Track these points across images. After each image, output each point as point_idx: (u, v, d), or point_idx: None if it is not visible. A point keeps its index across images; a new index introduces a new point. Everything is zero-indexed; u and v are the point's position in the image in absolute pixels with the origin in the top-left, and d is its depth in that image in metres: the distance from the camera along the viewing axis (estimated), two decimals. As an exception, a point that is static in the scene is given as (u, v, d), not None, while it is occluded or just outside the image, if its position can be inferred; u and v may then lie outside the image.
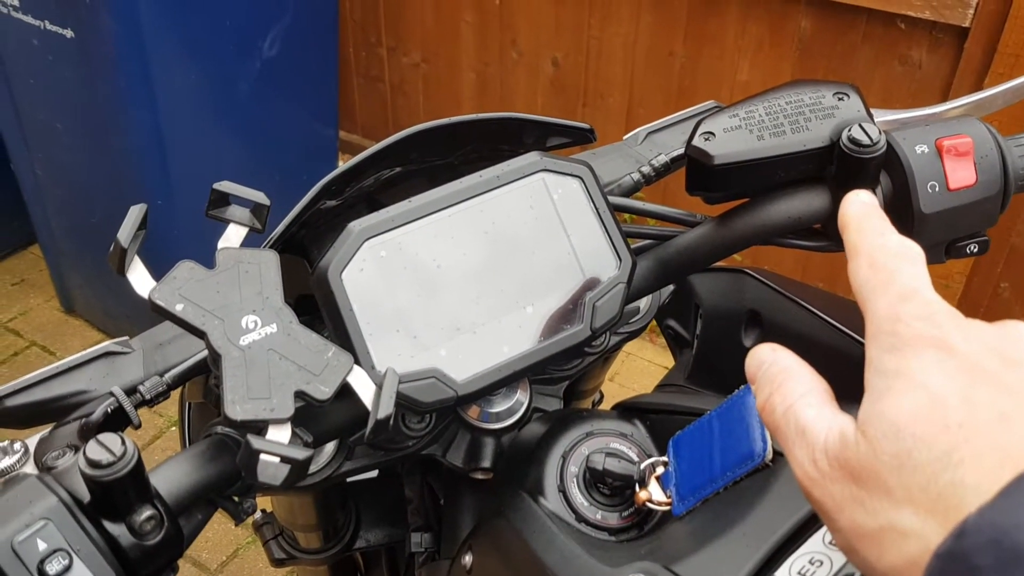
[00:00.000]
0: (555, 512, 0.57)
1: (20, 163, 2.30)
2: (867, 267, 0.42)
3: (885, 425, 0.35)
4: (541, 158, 0.59)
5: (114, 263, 0.50)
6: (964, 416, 0.34)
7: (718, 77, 2.20)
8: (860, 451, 0.36)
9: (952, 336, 0.37)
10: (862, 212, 0.46)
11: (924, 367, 0.36)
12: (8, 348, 2.51)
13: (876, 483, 0.35)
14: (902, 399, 0.36)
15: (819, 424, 0.39)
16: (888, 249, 0.42)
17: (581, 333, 0.57)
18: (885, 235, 0.44)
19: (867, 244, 0.43)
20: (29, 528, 0.42)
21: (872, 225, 0.45)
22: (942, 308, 0.39)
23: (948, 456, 0.33)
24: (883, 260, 0.42)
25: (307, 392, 0.48)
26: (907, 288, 0.40)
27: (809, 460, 0.38)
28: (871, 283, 0.41)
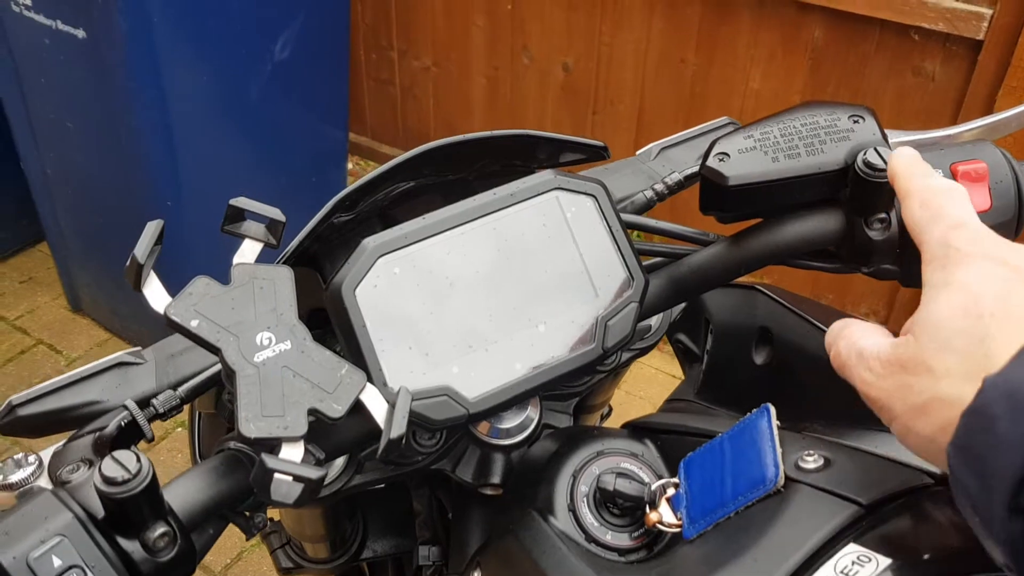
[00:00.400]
0: (564, 531, 0.57)
1: (30, 161, 2.31)
2: (918, 206, 0.48)
3: (929, 324, 0.43)
4: (555, 176, 0.59)
5: (130, 278, 0.50)
6: (997, 307, 0.41)
7: (729, 85, 2.19)
8: (908, 348, 0.44)
9: (996, 252, 0.44)
10: (908, 161, 0.52)
11: (967, 276, 0.43)
12: (15, 346, 2.52)
13: (921, 367, 0.42)
14: (945, 302, 0.43)
15: (873, 344, 0.46)
16: (935, 188, 0.49)
17: (593, 352, 0.57)
18: (931, 177, 0.50)
19: (916, 186, 0.50)
20: (44, 544, 0.42)
21: (919, 170, 0.51)
22: (988, 234, 0.45)
23: (981, 337, 0.41)
24: (931, 198, 0.48)
25: (320, 410, 0.48)
26: (956, 219, 0.46)
27: (866, 369, 0.46)
28: (924, 219, 0.48)
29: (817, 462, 0.52)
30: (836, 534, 0.47)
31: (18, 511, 0.44)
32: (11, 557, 0.42)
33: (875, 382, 0.45)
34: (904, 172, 0.52)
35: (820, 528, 0.47)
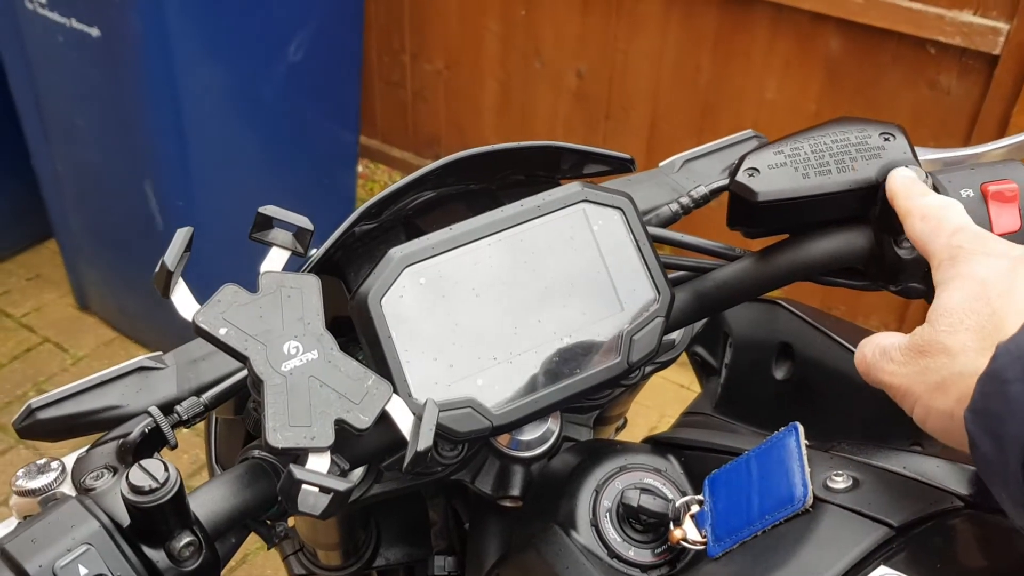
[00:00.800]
0: (587, 546, 0.56)
1: (40, 158, 2.31)
2: (920, 221, 0.53)
3: (942, 311, 0.47)
4: (582, 188, 0.58)
5: (159, 285, 0.50)
6: (1005, 288, 0.45)
7: (744, 94, 2.19)
8: (924, 334, 0.47)
9: (997, 248, 0.48)
10: (906, 182, 0.56)
11: (973, 268, 0.47)
12: (22, 344, 2.52)
13: (938, 348, 0.46)
14: (956, 290, 0.47)
15: (894, 340, 0.50)
16: (933, 204, 0.53)
17: (618, 366, 0.56)
18: (928, 194, 0.55)
19: (915, 204, 0.54)
20: (71, 553, 0.42)
21: (917, 190, 0.56)
22: (988, 234, 0.50)
23: (990, 314, 0.45)
24: (931, 212, 0.53)
25: (347, 421, 0.48)
26: (956, 226, 0.51)
27: (888, 361, 0.50)
28: (927, 231, 0.52)
29: (846, 482, 0.51)
30: (866, 556, 0.46)
31: (44, 518, 0.44)
32: (37, 565, 0.41)
33: (897, 370, 0.49)
34: (903, 192, 0.56)
35: (850, 549, 0.47)
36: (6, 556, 0.42)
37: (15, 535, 0.43)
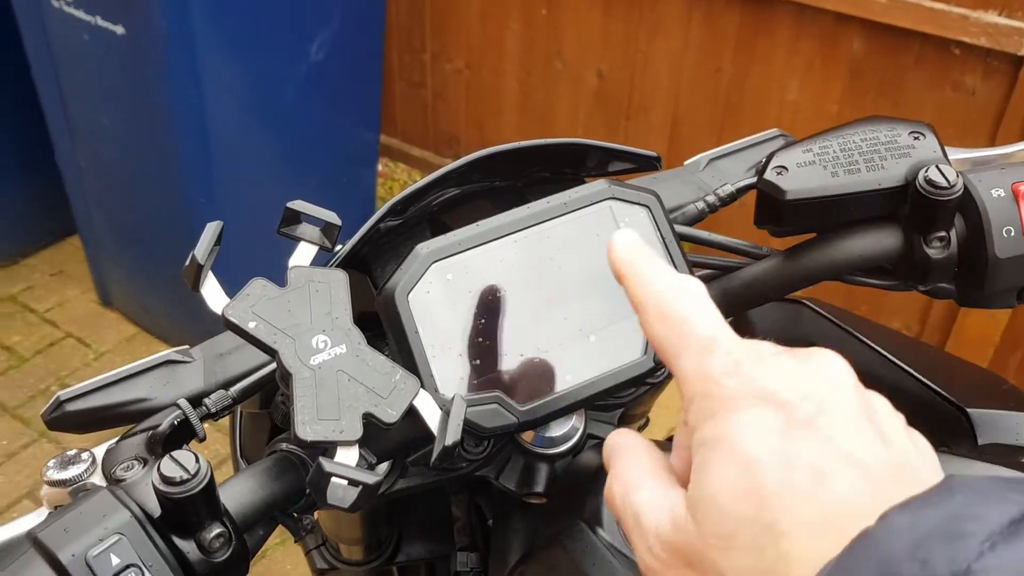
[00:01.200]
0: (613, 544, 0.56)
1: (64, 155, 2.33)
2: (658, 322, 0.40)
3: (708, 504, 0.34)
4: (609, 186, 0.58)
5: (189, 279, 0.50)
6: (780, 481, 0.33)
7: (766, 95, 2.18)
8: (690, 535, 0.35)
9: (764, 386, 0.35)
10: (631, 256, 0.44)
11: (739, 430, 0.34)
12: (45, 338, 2.54)
13: (710, 568, 0.34)
14: (721, 472, 0.34)
15: (651, 508, 0.38)
16: (672, 295, 0.40)
17: (643, 365, 0.56)
18: (663, 277, 0.42)
19: (649, 294, 0.41)
20: (103, 543, 0.42)
21: (647, 269, 0.43)
22: (746, 353, 0.37)
23: (770, 529, 0.32)
24: (672, 310, 0.40)
25: (375, 414, 0.48)
26: (705, 338, 0.38)
27: (646, 549, 0.37)
28: (668, 340, 0.39)
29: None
30: None
31: (76, 508, 0.44)
32: (70, 555, 0.42)
33: (658, 569, 0.36)
34: (630, 273, 0.43)
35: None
36: (39, 545, 0.42)
37: (47, 524, 0.43)
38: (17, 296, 2.67)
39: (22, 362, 2.47)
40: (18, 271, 2.76)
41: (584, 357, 0.56)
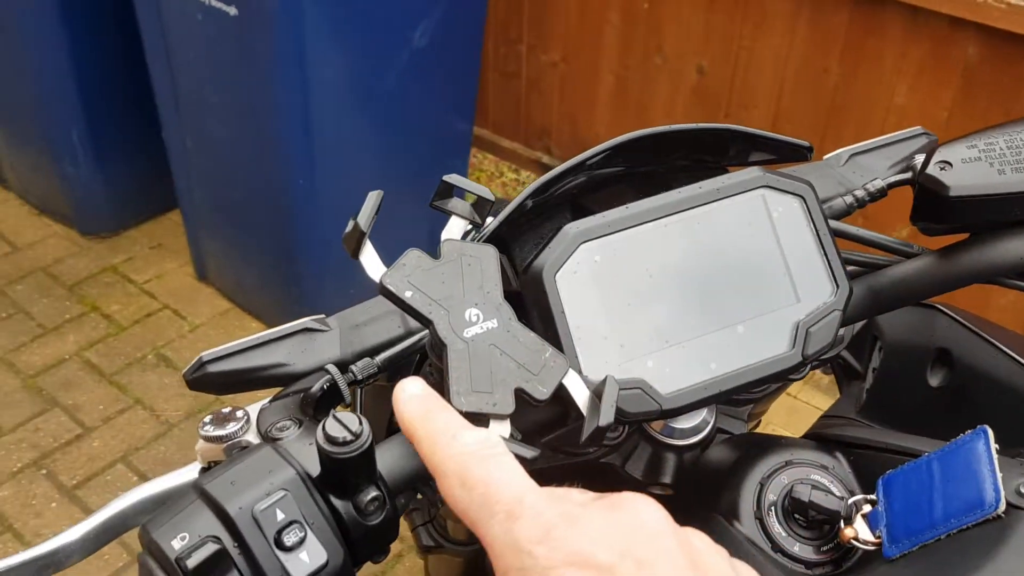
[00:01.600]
0: (750, 538, 0.55)
1: (171, 132, 2.40)
2: (459, 487, 0.37)
3: None
4: (763, 174, 0.57)
5: (349, 246, 0.51)
6: None
7: (872, 99, 2.12)
8: None
9: (578, 549, 0.33)
10: (421, 411, 0.41)
11: None
12: (143, 309, 2.63)
13: None
14: None
15: None
16: (470, 456, 0.38)
17: (791, 359, 0.55)
18: (458, 436, 0.39)
19: (446, 458, 0.38)
20: (270, 497, 0.43)
21: (438, 426, 0.40)
22: (552, 516, 0.35)
23: None
24: (472, 473, 0.37)
25: (526, 390, 0.48)
26: (511, 500, 0.36)
27: None
28: (473, 507, 0.37)
29: (1039, 491, 0.49)
30: None
31: (241, 463, 0.45)
32: (237, 507, 0.43)
33: None
34: (421, 432, 0.40)
35: (1048, 561, 0.44)
36: (207, 496, 0.43)
37: (214, 476, 0.44)
38: (118, 267, 2.77)
39: (120, 330, 2.55)
40: (120, 242, 2.85)
41: (730, 347, 0.55)
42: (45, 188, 2.88)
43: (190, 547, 0.42)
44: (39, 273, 2.73)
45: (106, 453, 2.21)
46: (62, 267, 2.76)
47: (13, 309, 2.60)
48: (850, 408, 0.87)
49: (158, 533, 0.42)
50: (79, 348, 2.49)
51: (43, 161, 2.77)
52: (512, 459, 0.38)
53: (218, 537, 0.42)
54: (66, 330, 2.54)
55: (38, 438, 2.24)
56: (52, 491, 2.12)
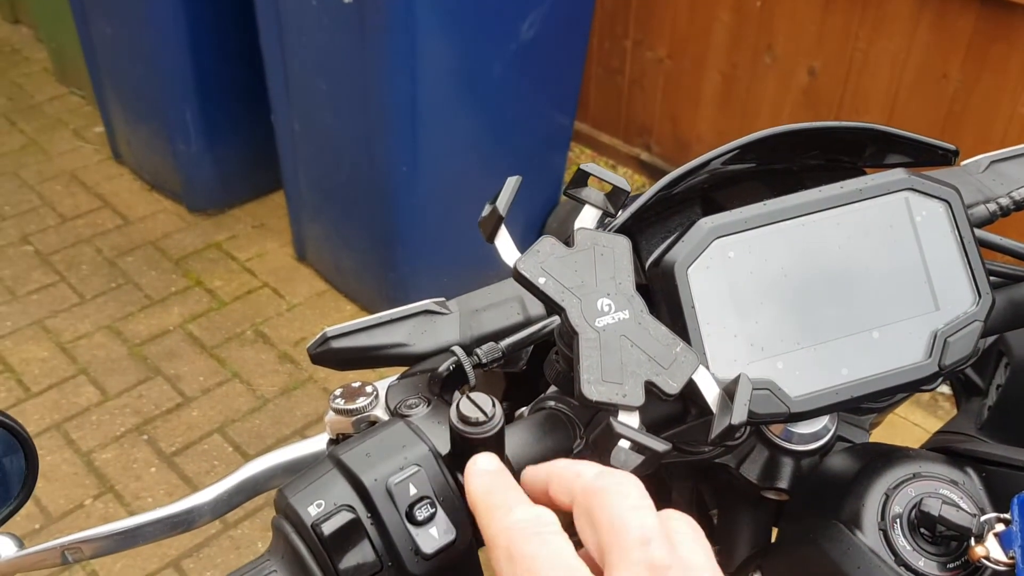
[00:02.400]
0: (873, 549, 0.54)
1: (281, 116, 2.46)
2: (506, 560, 0.37)
3: None
4: (908, 176, 0.55)
5: (486, 230, 0.51)
6: None
7: (994, 107, 2.04)
8: None
9: None
10: (486, 486, 0.41)
11: None
12: (243, 286, 2.71)
13: None
14: None
15: None
16: (520, 531, 0.38)
17: (927, 368, 0.53)
18: (513, 511, 0.39)
19: (498, 529, 0.39)
20: (403, 472, 0.43)
21: (497, 501, 0.40)
22: None
23: None
24: (519, 548, 0.37)
25: (657, 384, 0.48)
26: None
27: None
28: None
29: None
30: None
31: (375, 436, 0.46)
32: (372, 479, 0.43)
33: None
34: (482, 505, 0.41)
35: None
36: (343, 466, 0.44)
37: (350, 447, 0.45)
38: (222, 244, 2.86)
39: (221, 305, 2.63)
40: (224, 220, 2.95)
41: (864, 352, 0.53)
42: (157, 165, 2.99)
43: (325, 514, 0.42)
44: (148, 246, 2.84)
45: (204, 423, 2.29)
46: (170, 241, 2.86)
47: (123, 280, 2.72)
48: (969, 425, 0.84)
49: (295, 499, 0.43)
50: (183, 320, 2.58)
51: (157, 139, 2.88)
52: (562, 539, 0.38)
53: (352, 507, 0.43)
54: (171, 302, 2.64)
55: (141, 404, 2.33)
56: (152, 456, 2.20)
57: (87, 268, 2.76)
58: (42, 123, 3.44)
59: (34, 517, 2.05)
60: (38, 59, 3.86)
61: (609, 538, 0.37)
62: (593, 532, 0.38)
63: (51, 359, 2.45)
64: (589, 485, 0.39)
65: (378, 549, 0.43)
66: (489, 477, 0.42)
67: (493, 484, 0.42)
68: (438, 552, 0.43)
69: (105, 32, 2.82)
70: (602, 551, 0.37)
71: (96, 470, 2.16)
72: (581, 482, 0.40)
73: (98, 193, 3.07)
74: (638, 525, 0.37)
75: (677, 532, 0.38)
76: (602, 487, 0.39)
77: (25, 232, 2.89)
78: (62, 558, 0.53)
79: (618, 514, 0.38)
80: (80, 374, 2.41)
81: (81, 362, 2.44)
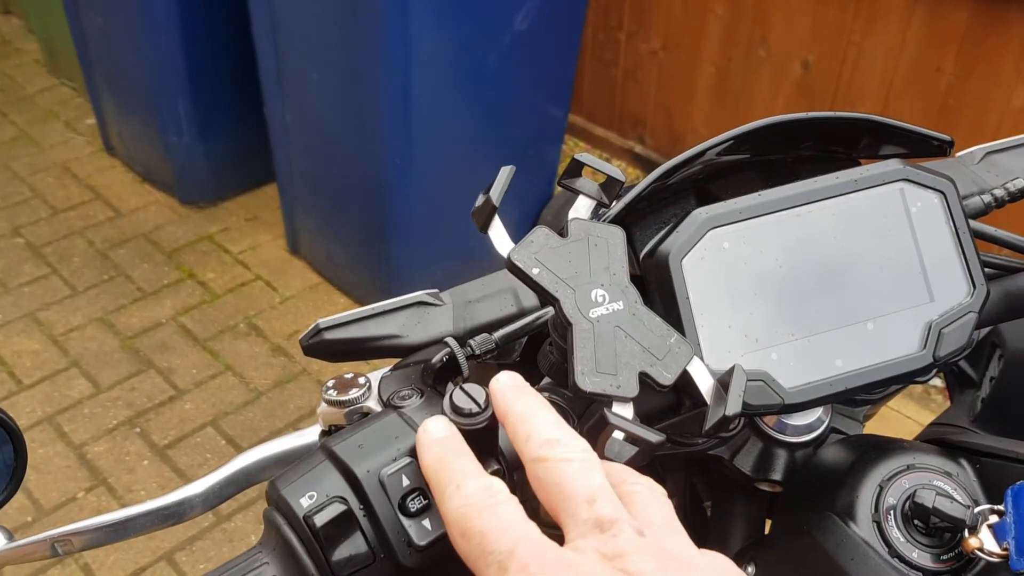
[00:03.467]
0: (866, 540, 0.54)
1: (273, 107, 2.45)
2: (460, 538, 0.37)
3: None
4: (904, 167, 0.55)
5: (479, 220, 0.50)
6: None
7: (988, 101, 2.04)
8: None
9: None
10: (435, 457, 0.41)
11: None
12: (236, 278, 2.70)
13: None
14: None
15: None
16: (470, 507, 0.37)
17: (921, 360, 0.53)
18: (462, 487, 0.38)
19: (449, 507, 0.38)
20: (396, 463, 0.43)
21: (446, 476, 0.39)
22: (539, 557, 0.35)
23: None
24: (470, 524, 0.37)
25: (651, 375, 0.47)
26: (502, 552, 0.35)
27: None
28: (471, 558, 0.36)
29: None
30: None
31: (368, 427, 0.46)
32: (365, 470, 0.43)
33: None
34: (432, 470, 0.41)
35: None
36: (335, 457, 0.44)
37: (342, 438, 0.45)
38: (214, 236, 2.85)
39: (214, 298, 2.63)
40: (217, 213, 2.94)
41: (859, 344, 0.53)
42: (149, 157, 2.98)
43: (318, 506, 0.42)
44: (140, 239, 2.83)
45: (197, 416, 2.28)
46: (162, 234, 2.85)
47: (115, 272, 2.71)
48: (962, 417, 0.84)
49: (287, 491, 0.43)
50: (175, 313, 2.57)
51: (149, 130, 2.87)
52: (512, 508, 0.38)
53: (344, 498, 0.43)
54: (163, 295, 2.63)
55: (133, 397, 2.32)
56: (144, 449, 2.20)
57: (79, 260, 2.74)
58: (33, 115, 3.42)
59: (26, 510, 2.04)
60: (29, 50, 3.84)
61: (558, 503, 0.38)
62: (543, 498, 0.39)
63: (43, 352, 2.44)
64: (535, 454, 0.40)
65: (371, 541, 0.43)
66: (438, 446, 0.41)
67: (443, 454, 0.41)
68: (431, 544, 0.43)
69: (96, 23, 2.80)
70: (555, 514, 0.38)
71: (88, 463, 2.16)
72: (530, 448, 0.40)
73: (90, 185, 3.06)
74: (583, 486, 0.38)
75: (634, 493, 0.40)
76: (549, 456, 0.39)
77: (16, 224, 2.88)
78: (52, 550, 0.53)
79: (562, 480, 0.38)
80: (72, 367, 2.40)
81: (73, 355, 2.43)
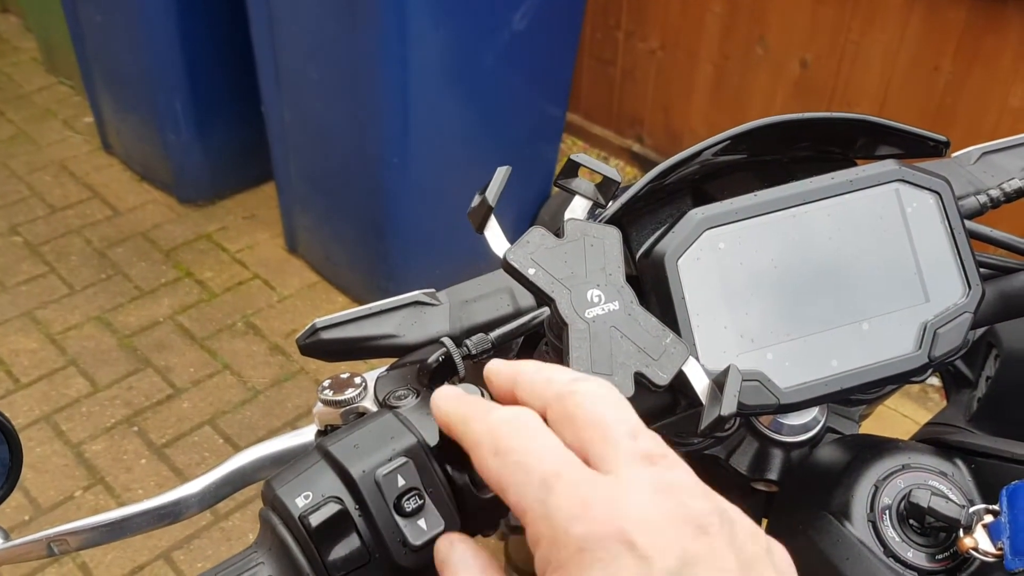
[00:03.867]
0: (862, 540, 0.54)
1: (271, 105, 2.45)
2: (492, 456, 0.35)
3: None
4: (899, 167, 0.55)
5: (475, 220, 0.51)
6: None
7: (986, 100, 2.04)
8: None
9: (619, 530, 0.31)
10: (454, 403, 0.39)
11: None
12: (234, 277, 2.70)
13: None
14: None
15: None
16: (504, 426, 0.36)
17: (916, 360, 0.53)
18: (491, 410, 0.37)
19: (478, 430, 0.37)
20: (392, 463, 0.43)
21: (472, 409, 0.38)
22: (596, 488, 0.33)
23: None
24: (506, 441, 0.35)
25: (646, 375, 0.47)
26: (547, 471, 0.34)
27: None
28: (506, 473, 0.35)
29: None
30: None
31: (363, 427, 0.46)
32: (360, 470, 0.43)
33: None
34: (457, 416, 0.39)
35: None
36: (330, 457, 0.44)
37: (337, 439, 0.45)
38: (212, 235, 2.84)
39: (212, 297, 2.62)
40: (215, 211, 2.93)
41: (854, 344, 0.53)
42: (147, 155, 2.98)
43: (313, 506, 0.42)
44: (138, 237, 2.83)
45: (194, 415, 2.28)
46: (159, 232, 2.85)
47: (112, 271, 2.70)
48: (958, 417, 0.84)
49: (283, 491, 0.43)
50: (173, 312, 2.57)
51: (147, 129, 2.86)
52: (551, 435, 0.36)
53: (340, 498, 0.43)
54: (161, 294, 2.63)
55: (131, 396, 2.32)
56: (142, 448, 2.20)
57: (77, 259, 2.74)
58: (31, 113, 3.42)
59: (24, 509, 2.04)
60: (26, 48, 3.83)
61: (594, 434, 0.35)
62: (575, 434, 0.36)
63: (40, 350, 2.44)
64: (564, 389, 0.37)
65: (366, 541, 0.43)
66: (456, 396, 0.40)
67: (462, 398, 0.40)
68: (426, 544, 0.43)
69: (94, 21, 2.80)
70: (587, 450, 0.35)
71: (86, 462, 2.16)
72: (555, 387, 0.38)
73: (88, 184, 3.05)
74: (624, 419, 0.36)
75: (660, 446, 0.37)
76: (578, 390, 0.37)
77: (14, 223, 2.88)
78: (48, 550, 0.53)
79: (602, 411, 0.36)
80: (70, 365, 2.40)
81: (71, 353, 2.43)
